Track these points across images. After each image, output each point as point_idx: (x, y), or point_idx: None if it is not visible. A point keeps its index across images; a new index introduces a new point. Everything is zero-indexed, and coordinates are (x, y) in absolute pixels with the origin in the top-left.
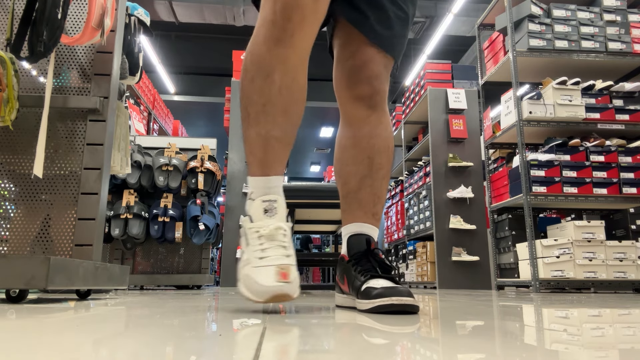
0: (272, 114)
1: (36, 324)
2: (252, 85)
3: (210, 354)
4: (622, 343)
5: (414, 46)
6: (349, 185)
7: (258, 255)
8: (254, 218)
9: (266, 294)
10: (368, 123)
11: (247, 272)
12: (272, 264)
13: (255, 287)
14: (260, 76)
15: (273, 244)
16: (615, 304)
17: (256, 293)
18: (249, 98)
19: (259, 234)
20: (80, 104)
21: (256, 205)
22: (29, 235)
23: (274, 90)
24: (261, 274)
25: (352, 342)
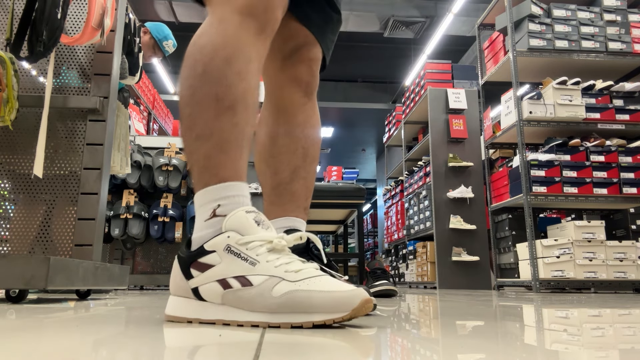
0: (251, 107)
1: (36, 324)
2: (229, 67)
3: (210, 354)
4: (622, 343)
5: (414, 46)
6: (281, 176)
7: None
8: (245, 232)
9: (354, 300)
10: (303, 111)
11: (291, 289)
12: (323, 274)
13: (330, 297)
14: (240, 58)
15: (293, 258)
16: (615, 304)
17: (333, 304)
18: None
19: (269, 248)
20: (80, 104)
21: (240, 216)
22: (28, 235)
23: (254, 79)
24: (322, 283)
25: (352, 341)
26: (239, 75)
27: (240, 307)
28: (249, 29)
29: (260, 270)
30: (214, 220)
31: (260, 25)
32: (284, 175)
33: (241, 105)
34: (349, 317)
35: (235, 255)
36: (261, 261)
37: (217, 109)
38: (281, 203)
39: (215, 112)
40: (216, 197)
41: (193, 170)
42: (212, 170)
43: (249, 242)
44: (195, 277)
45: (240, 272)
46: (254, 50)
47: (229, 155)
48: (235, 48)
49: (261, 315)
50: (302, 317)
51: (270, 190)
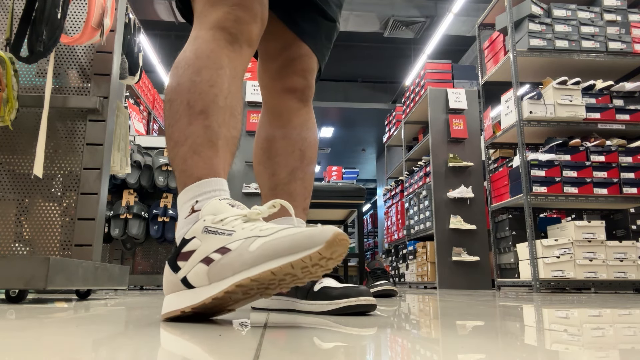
0: (224, 109)
1: (36, 324)
2: (199, 76)
3: (210, 354)
4: (623, 343)
5: (414, 46)
6: (279, 177)
7: (265, 227)
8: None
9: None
10: (299, 116)
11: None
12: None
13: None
14: (211, 68)
15: (270, 225)
16: (615, 304)
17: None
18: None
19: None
20: (80, 104)
21: (214, 203)
22: (28, 235)
23: (226, 83)
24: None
25: (352, 341)
26: (209, 82)
27: (224, 275)
28: (219, 40)
29: (237, 236)
30: (193, 216)
31: (231, 36)
32: (281, 176)
33: (213, 108)
34: (325, 249)
35: (213, 233)
36: (237, 230)
37: (190, 115)
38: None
39: (188, 119)
40: (194, 195)
41: (176, 176)
42: (189, 171)
43: (223, 218)
44: (182, 268)
45: (220, 244)
46: (225, 58)
47: (202, 156)
48: (206, 59)
49: (241, 274)
50: (280, 261)
51: (268, 192)
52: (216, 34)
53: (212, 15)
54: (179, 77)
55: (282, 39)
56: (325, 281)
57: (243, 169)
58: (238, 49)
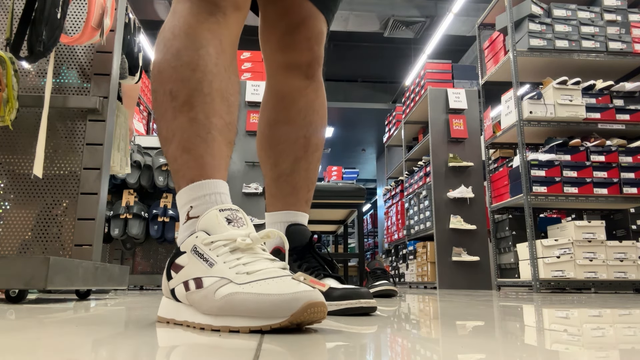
0: (211, 95)
1: (36, 324)
2: (178, 59)
3: (210, 354)
4: (623, 343)
5: (414, 46)
6: (281, 167)
7: (242, 270)
8: (213, 231)
9: (293, 304)
10: (304, 95)
11: (231, 292)
12: (279, 275)
13: (266, 301)
14: (190, 48)
15: (257, 257)
16: (615, 304)
17: (268, 309)
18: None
19: (231, 247)
20: (79, 104)
21: (210, 216)
22: (28, 235)
23: (210, 64)
24: (269, 286)
25: (353, 342)
26: (189, 66)
27: (196, 309)
28: (198, 13)
29: (215, 271)
30: (189, 223)
31: (210, 4)
32: (284, 166)
33: (197, 97)
34: (288, 322)
35: (198, 256)
36: (218, 262)
37: (173, 107)
38: (282, 196)
39: (172, 112)
40: (188, 199)
41: (171, 172)
42: (180, 172)
43: (212, 242)
44: (172, 279)
45: (198, 273)
46: (205, 33)
47: (191, 154)
48: (184, 37)
49: (207, 318)
50: (240, 322)
51: (270, 182)
52: (193, 4)
53: None
54: (159, 62)
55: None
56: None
57: (243, 169)
58: (222, 18)
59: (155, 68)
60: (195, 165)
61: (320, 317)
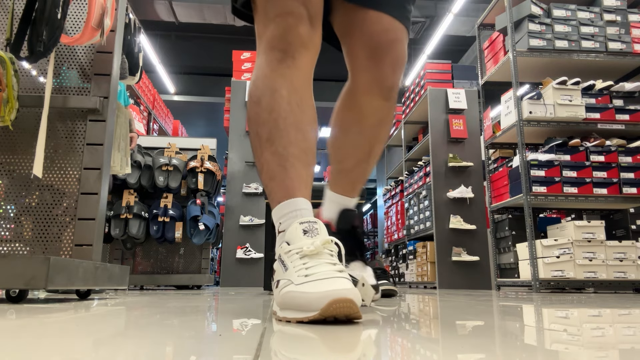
0: (286, 130)
1: (36, 323)
2: (259, 106)
3: (210, 354)
4: (622, 343)
5: (414, 46)
6: (345, 165)
7: (302, 274)
8: (291, 241)
9: (321, 300)
10: (377, 114)
11: (287, 291)
12: (330, 277)
13: (304, 298)
14: (266, 94)
15: (320, 261)
16: (615, 304)
17: (306, 304)
18: (258, 120)
19: (301, 254)
20: (80, 104)
21: (292, 229)
22: (28, 235)
23: (283, 104)
24: (314, 285)
25: (353, 341)
26: (268, 110)
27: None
28: (271, 61)
29: (286, 275)
30: (280, 235)
31: (280, 53)
32: (348, 165)
33: (275, 134)
34: (319, 315)
35: (281, 262)
36: (289, 267)
37: (260, 145)
38: (341, 183)
39: (260, 149)
40: (278, 217)
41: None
42: (272, 195)
43: (288, 251)
44: (273, 279)
45: (279, 276)
46: (278, 79)
47: (276, 181)
48: (262, 87)
49: (275, 307)
50: (291, 314)
51: (335, 172)
52: (268, 56)
53: (264, 36)
54: (249, 109)
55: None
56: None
57: (243, 169)
58: (291, 62)
59: (248, 114)
60: (280, 189)
61: (347, 311)
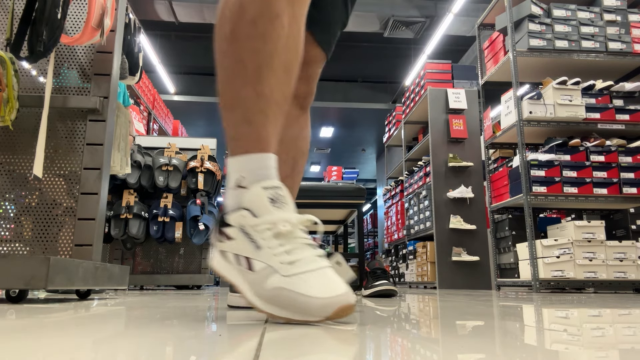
0: (278, 69)
1: (36, 324)
2: (255, 28)
3: (210, 354)
4: (623, 343)
5: (414, 46)
6: None
7: (286, 260)
8: (257, 211)
9: (327, 309)
10: (298, 123)
11: (279, 285)
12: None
13: (307, 303)
14: (265, 16)
15: (297, 243)
16: (615, 304)
17: (308, 309)
18: (247, 45)
19: (275, 232)
20: (80, 104)
21: (255, 193)
22: (28, 235)
23: (282, 36)
24: (309, 282)
25: (353, 342)
26: (264, 38)
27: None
28: None
29: (262, 255)
30: (237, 192)
31: None
32: None
33: (266, 71)
34: (325, 320)
35: (246, 235)
36: (263, 246)
37: (243, 77)
38: None
39: (241, 81)
40: (240, 168)
41: (226, 135)
42: (238, 141)
43: (257, 224)
44: (221, 242)
45: (248, 252)
46: (282, 1)
47: (252, 126)
48: (261, 4)
49: (257, 300)
50: (284, 313)
51: None
52: None
53: None
54: (233, 23)
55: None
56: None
57: None
58: None
59: (227, 28)
60: (254, 138)
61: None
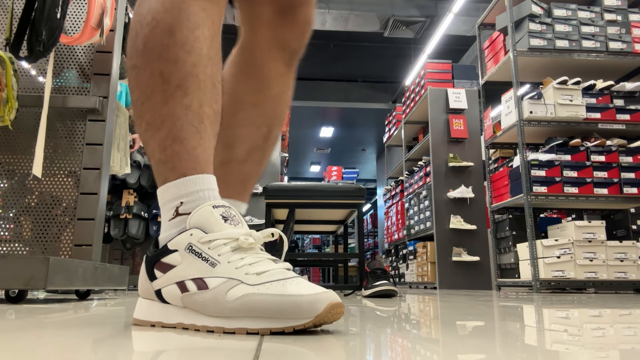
0: (205, 82)
1: (36, 324)
2: (172, 37)
3: (209, 354)
4: (623, 343)
5: (414, 46)
6: (235, 152)
7: (252, 271)
8: (210, 229)
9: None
10: (280, 83)
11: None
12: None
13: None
14: (184, 26)
15: (261, 257)
16: (615, 305)
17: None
18: (167, 55)
19: (234, 247)
20: (79, 104)
21: (205, 211)
22: (28, 236)
23: (205, 47)
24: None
25: (352, 343)
26: (184, 47)
27: (198, 310)
28: None
29: (219, 272)
30: (178, 220)
31: None
32: (239, 152)
33: (192, 82)
34: (312, 324)
35: (196, 255)
36: (222, 262)
37: (164, 90)
38: (228, 182)
39: (163, 95)
40: (178, 194)
41: (151, 163)
42: (169, 163)
43: (211, 240)
44: (158, 279)
45: (198, 273)
46: (200, 12)
47: (184, 145)
48: (177, 13)
49: (217, 320)
50: (259, 323)
51: (218, 165)
52: None
53: None
54: (145, 35)
55: None
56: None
57: None
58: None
59: (140, 41)
60: (188, 158)
61: (340, 317)
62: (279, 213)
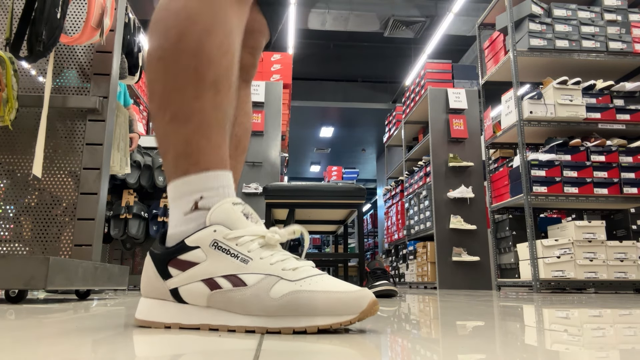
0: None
1: (35, 324)
2: (210, 37)
3: (209, 354)
4: (623, 343)
5: (414, 46)
6: None
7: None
8: (234, 225)
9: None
10: (239, 97)
11: (292, 289)
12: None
13: (340, 298)
14: (220, 27)
15: (286, 254)
16: (616, 305)
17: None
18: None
19: (262, 243)
20: (79, 104)
21: (226, 210)
22: (28, 235)
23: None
24: (326, 282)
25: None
26: (220, 49)
27: (231, 310)
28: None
29: (254, 268)
30: (196, 214)
31: None
32: None
33: (224, 83)
34: (357, 319)
35: (223, 251)
36: (254, 258)
37: (198, 86)
38: None
39: (196, 90)
40: (198, 188)
41: (167, 156)
42: (193, 157)
43: (239, 236)
44: (174, 277)
45: (230, 270)
46: (235, 18)
47: (211, 141)
48: (215, 16)
49: (257, 319)
50: (305, 321)
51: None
52: None
53: None
54: (181, 31)
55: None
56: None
57: (243, 168)
58: (246, 6)
59: (173, 34)
60: (215, 154)
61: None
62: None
